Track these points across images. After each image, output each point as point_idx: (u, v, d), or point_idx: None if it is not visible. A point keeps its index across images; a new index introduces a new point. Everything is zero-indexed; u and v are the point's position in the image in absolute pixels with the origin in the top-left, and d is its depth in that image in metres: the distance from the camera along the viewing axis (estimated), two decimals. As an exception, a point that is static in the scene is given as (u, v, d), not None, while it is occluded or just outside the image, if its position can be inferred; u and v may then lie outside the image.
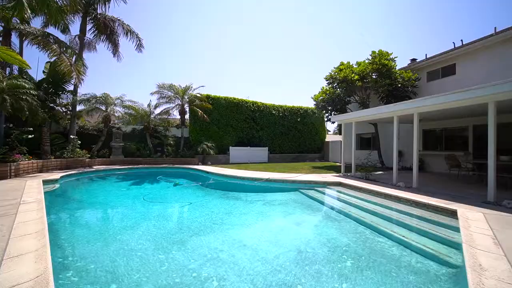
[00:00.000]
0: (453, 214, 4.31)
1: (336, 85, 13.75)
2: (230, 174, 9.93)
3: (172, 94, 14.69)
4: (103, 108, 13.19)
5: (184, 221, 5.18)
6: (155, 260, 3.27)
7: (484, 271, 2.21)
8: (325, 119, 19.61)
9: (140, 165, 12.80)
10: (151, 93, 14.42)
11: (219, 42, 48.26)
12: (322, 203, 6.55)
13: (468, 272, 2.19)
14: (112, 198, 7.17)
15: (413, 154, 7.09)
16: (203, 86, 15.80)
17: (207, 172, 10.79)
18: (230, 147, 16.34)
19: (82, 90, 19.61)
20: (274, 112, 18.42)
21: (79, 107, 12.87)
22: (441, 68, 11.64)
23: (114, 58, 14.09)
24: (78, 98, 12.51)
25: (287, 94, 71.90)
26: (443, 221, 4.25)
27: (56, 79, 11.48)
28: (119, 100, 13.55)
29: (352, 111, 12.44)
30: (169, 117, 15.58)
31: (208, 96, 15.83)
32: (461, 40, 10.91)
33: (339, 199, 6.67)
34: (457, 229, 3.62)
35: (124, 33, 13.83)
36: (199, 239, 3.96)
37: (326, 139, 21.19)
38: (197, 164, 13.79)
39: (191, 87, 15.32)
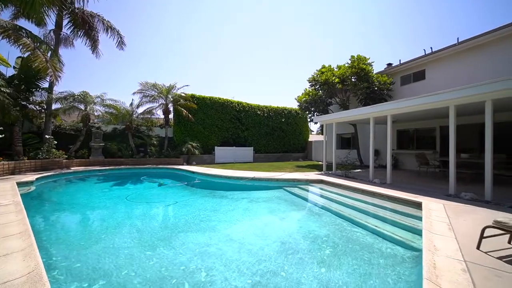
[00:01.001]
0: (419, 205, 4.81)
1: (318, 87, 14.32)
2: (215, 174, 10.02)
3: (156, 94, 14.42)
4: (82, 107, 12.63)
5: (171, 219, 5.24)
6: (142, 257, 3.35)
7: (437, 251, 2.59)
8: (308, 120, 20.31)
9: (122, 166, 12.44)
10: (133, 93, 14.07)
11: (205, 43, 47.73)
12: (304, 199, 6.89)
13: (424, 252, 2.56)
14: (93, 199, 6.99)
15: (387, 153, 7.68)
16: (187, 85, 15.67)
17: (193, 172, 10.78)
18: (216, 147, 16.36)
19: (59, 88, 18.59)
20: (259, 112, 18.70)
21: (55, 106, 12.24)
22: (413, 74, 12.61)
23: (93, 55, 13.55)
24: (54, 96, 11.88)
25: (271, 95, 72.88)
26: (410, 212, 4.73)
27: (28, 76, 10.84)
28: (99, 99, 13.04)
29: (333, 112, 13.05)
30: (152, 116, 15.28)
31: (193, 96, 15.74)
32: (431, 48, 11.91)
33: (320, 195, 7.06)
34: (421, 218, 4.07)
35: (104, 29, 13.34)
36: (187, 235, 4.09)
37: (309, 139, 21.88)
38: (182, 164, 13.68)
39: (175, 86, 15.15)
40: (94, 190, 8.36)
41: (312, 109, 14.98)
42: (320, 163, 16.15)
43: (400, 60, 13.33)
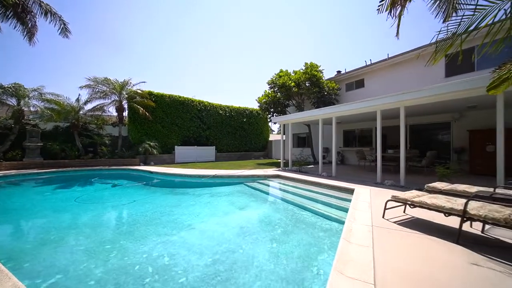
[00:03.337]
0: (352, 191, 5.86)
1: (276, 90, 15.32)
2: (176, 173, 9.93)
3: (108, 89, 13.34)
4: (13, 101, 10.89)
5: (130, 216, 5.20)
6: (102, 250, 3.42)
7: (355, 220, 3.42)
8: (268, 120, 21.39)
9: (68, 168, 11.20)
10: (80, 87, 12.73)
11: (168, 39, 45.11)
12: (262, 191, 7.49)
13: (345, 222, 3.35)
14: (33, 203, 6.33)
15: (332, 150, 8.89)
16: (144, 82, 14.95)
17: (151, 172, 10.46)
18: (176, 146, 15.96)
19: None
20: (221, 112, 18.90)
21: (-26, 98, 10.30)
22: (355, 82, 14.61)
23: (27, 42, 11.78)
24: (-27, 87, 10.02)
25: (234, 96, 73.19)
26: (345, 197, 5.73)
27: None
28: (36, 92, 11.43)
29: (290, 113, 14.17)
30: (103, 114, 14.05)
31: (150, 93, 15.04)
32: (370, 60, 14.00)
33: (276, 188, 7.80)
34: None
35: (42, 13, 11.73)
36: (148, 229, 4.22)
37: (270, 138, 23.02)
38: (139, 165, 13.00)
39: (130, 82, 14.28)
40: (33, 195, 7.48)
41: (272, 110, 15.93)
42: (279, 160, 17.23)
43: (345, 69, 15.29)
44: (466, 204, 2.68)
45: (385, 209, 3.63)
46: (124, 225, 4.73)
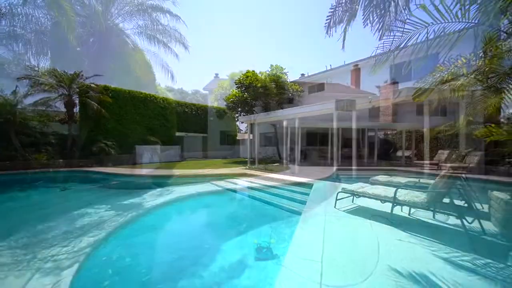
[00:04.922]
0: (311, 186, 6.40)
1: (244, 90, 15.53)
2: (136, 174, 9.40)
3: (54, 82, 11.81)
4: None
5: (82, 220, 4.78)
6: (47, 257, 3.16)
7: (311, 210, 3.82)
8: (236, 119, 21.49)
9: (0, 172, 9.62)
10: (17, 78, 11.00)
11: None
12: (228, 189, 7.56)
13: (303, 213, 3.72)
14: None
15: (296, 149, 9.49)
16: (99, 75, 13.61)
17: (108, 174, 9.66)
18: (137, 146, 14.94)
19: None
20: (187, 110, 18.33)
21: None
22: (316, 85, 15.70)
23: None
24: None
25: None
26: (305, 191, 6.22)
27: None
28: (-45, 82, 9.52)
29: (257, 113, 14.52)
30: (48, 109, 12.37)
31: (106, 88, 13.78)
32: (330, 65, 15.21)
33: (242, 185, 7.98)
34: (311, 194, 5.52)
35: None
36: (106, 232, 3.99)
37: (238, 137, 23.16)
38: (92, 166, 11.84)
39: (82, 75, 12.87)
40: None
41: (239, 109, 16.08)
42: (246, 159, 17.50)
43: (308, 73, 16.32)
44: (395, 192, 3.25)
45: (336, 199, 4.12)
46: (74, 231, 4.35)
